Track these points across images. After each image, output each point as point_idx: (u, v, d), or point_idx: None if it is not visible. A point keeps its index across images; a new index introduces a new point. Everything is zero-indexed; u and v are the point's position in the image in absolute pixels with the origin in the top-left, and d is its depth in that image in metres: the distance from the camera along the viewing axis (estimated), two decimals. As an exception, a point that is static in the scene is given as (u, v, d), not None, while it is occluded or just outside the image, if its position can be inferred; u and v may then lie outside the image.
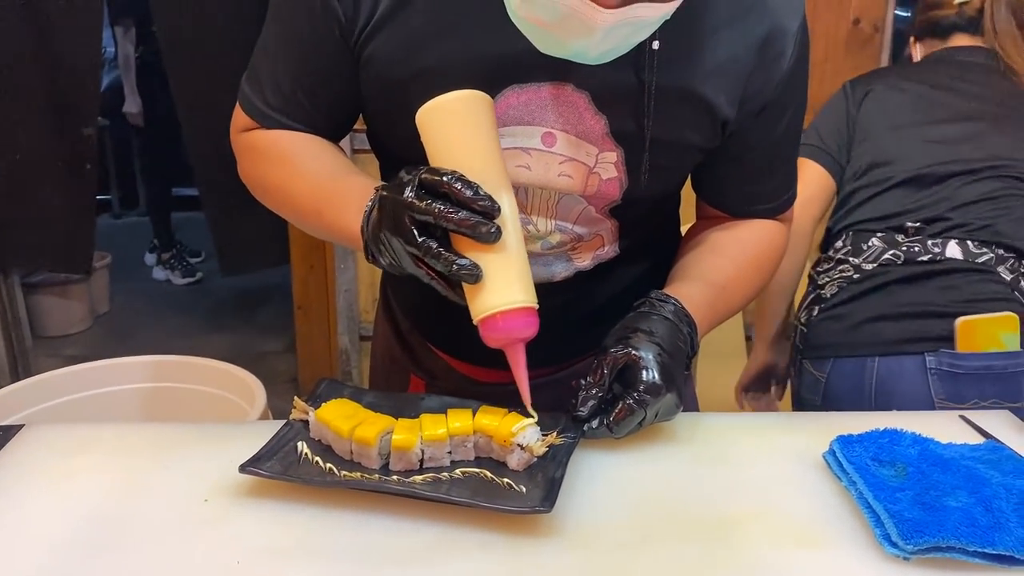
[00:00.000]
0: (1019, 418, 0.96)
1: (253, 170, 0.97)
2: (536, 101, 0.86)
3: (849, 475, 0.81)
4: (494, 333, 0.78)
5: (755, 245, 1.02)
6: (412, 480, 0.78)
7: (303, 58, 0.91)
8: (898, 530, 0.73)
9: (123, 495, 0.80)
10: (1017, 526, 0.73)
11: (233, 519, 0.77)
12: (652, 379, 0.82)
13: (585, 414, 0.84)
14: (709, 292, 0.94)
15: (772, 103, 0.91)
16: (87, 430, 0.92)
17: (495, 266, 0.76)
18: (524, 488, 0.77)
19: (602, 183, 0.91)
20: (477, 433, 0.82)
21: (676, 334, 0.87)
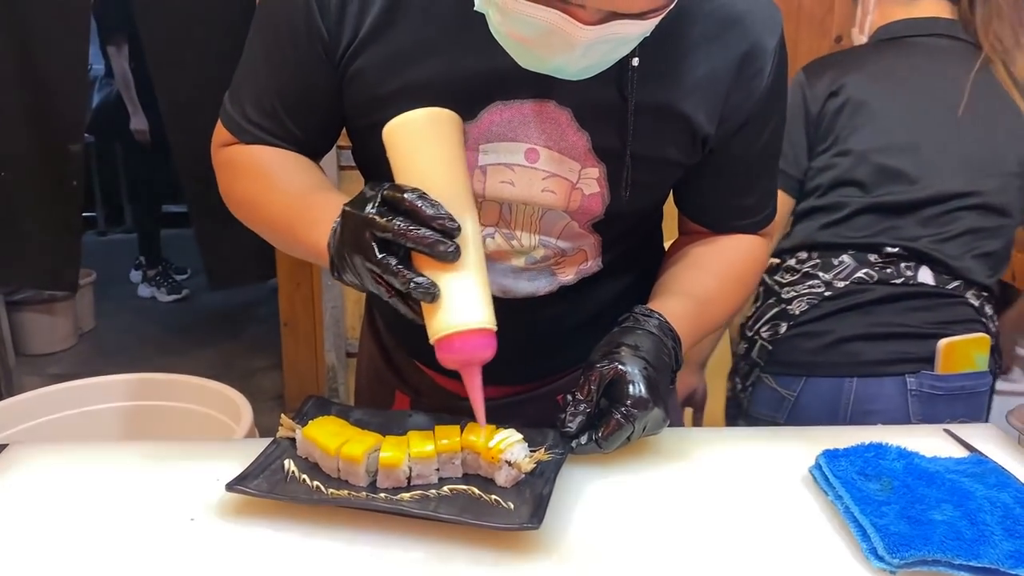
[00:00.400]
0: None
1: (231, 185, 0.97)
2: (519, 118, 0.87)
3: (835, 489, 0.82)
4: (450, 354, 0.76)
5: (737, 260, 1.02)
6: (400, 497, 0.78)
7: (285, 75, 0.91)
8: (884, 544, 0.73)
9: (108, 515, 0.80)
10: (1002, 539, 0.73)
11: (220, 539, 0.76)
12: (639, 393, 0.82)
13: (573, 430, 0.83)
14: (692, 306, 0.94)
15: (751, 119, 0.92)
16: (71, 449, 0.91)
17: (454, 286, 0.75)
18: (512, 504, 0.77)
19: (585, 199, 0.91)
20: (465, 450, 0.82)
21: (661, 348, 0.87)
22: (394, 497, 0.78)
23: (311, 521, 0.78)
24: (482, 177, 0.89)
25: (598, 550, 0.75)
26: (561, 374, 1.08)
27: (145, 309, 4.24)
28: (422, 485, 0.80)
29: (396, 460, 0.79)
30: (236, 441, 1.05)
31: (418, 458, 0.80)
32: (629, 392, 0.82)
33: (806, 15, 2.72)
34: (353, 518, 0.78)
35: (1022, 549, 0.73)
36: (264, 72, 0.92)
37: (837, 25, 2.73)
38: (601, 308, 1.03)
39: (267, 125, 0.93)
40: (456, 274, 0.75)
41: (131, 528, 0.78)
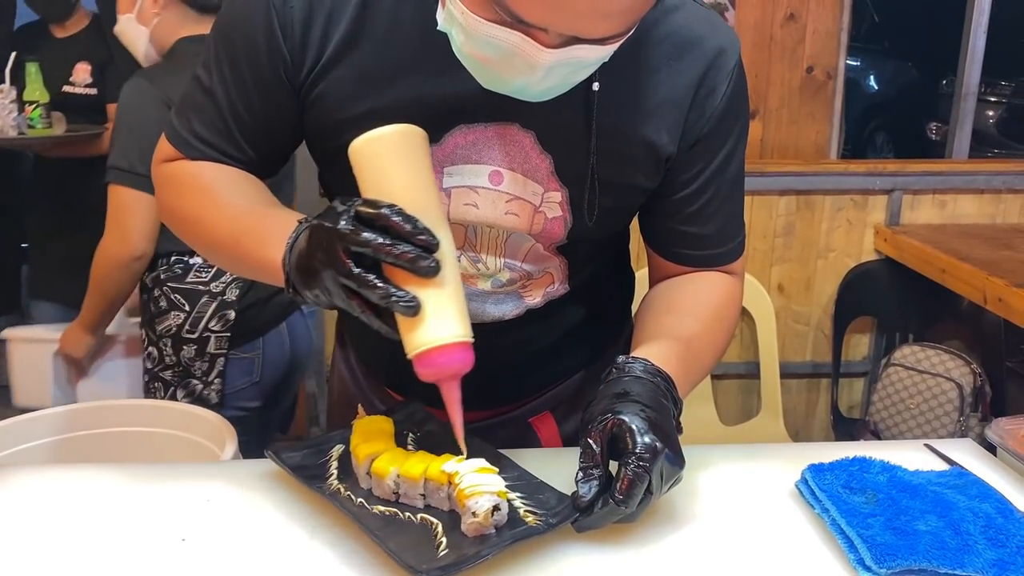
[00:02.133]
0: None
1: (172, 201, 0.95)
2: (483, 140, 0.88)
3: (822, 502, 0.83)
4: (430, 368, 0.75)
5: (710, 299, 0.99)
6: (372, 508, 0.79)
7: (242, 95, 0.90)
8: (871, 554, 0.74)
9: (98, 536, 0.79)
10: (985, 548, 0.75)
11: (211, 559, 0.76)
12: (644, 440, 0.75)
13: (588, 498, 0.76)
14: (676, 346, 0.89)
15: (704, 137, 0.92)
16: (59, 471, 0.91)
17: (432, 300, 0.73)
18: (447, 552, 0.73)
19: (547, 222, 0.91)
20: (451, 485, 0.78)
21: (654, 391, 0.82)
22: (368, 507, 0.79)
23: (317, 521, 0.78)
24: (446, 200, 0.89)
25: (610, 564, 0.75)
26: (532, 397, 1.08)
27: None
28: (405, 505, 0.80)
29: (383, 471, 0.80)
30: (225, 463, 1.04)
31: (405, 478, 0.80)
32: (636, 440, 0.75)
33: (778, 46, 2.79)
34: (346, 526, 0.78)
35: (1005, 558, 0.74)
36: (220, 91, 0.90)
37: (808, 56, 2.80)
38: (569, 330, 1.03)
39: (218, 143, 0.92)
40: (434, 289, 0.74)
41: (122, 549, 0.77)
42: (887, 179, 2.61)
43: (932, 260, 2.32)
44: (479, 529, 0.75)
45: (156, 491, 0.87)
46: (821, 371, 2.74)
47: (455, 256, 0.79)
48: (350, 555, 0.76)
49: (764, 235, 2.62)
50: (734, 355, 2.67)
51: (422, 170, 0.78)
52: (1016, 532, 0.77)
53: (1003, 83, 5.45)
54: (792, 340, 2.71)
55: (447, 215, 0.90)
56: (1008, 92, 5.49)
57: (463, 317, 0.76)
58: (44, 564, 0.75)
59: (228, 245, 0.89)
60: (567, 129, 0.87)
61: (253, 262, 0.84)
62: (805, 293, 2.69)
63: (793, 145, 2.81)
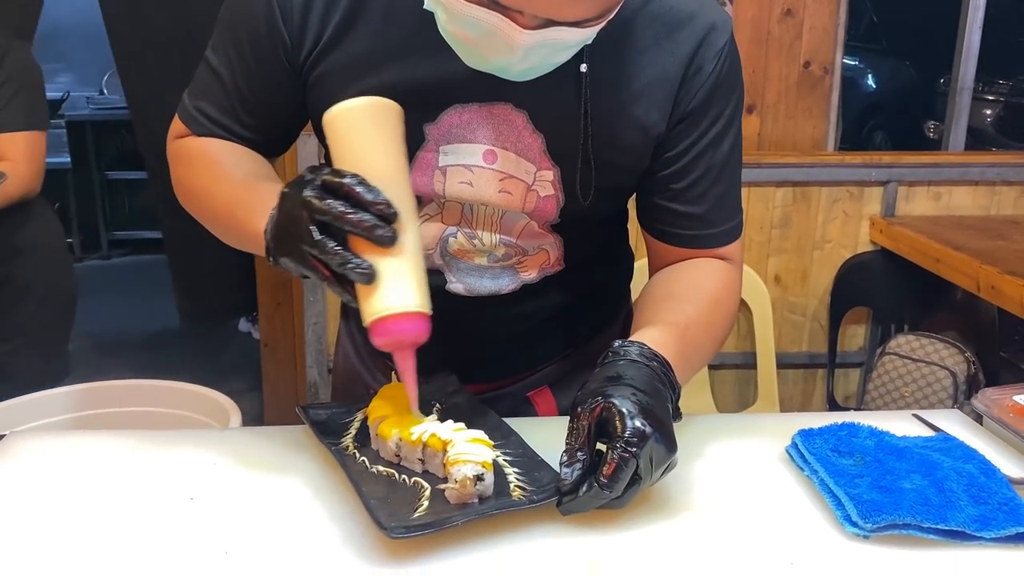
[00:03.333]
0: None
1: (182, 176, 0.99)
2: (477, 120, 0.90)
3: (811, 464, 0.86)
4: (383, 336, 0.75)
5: (706, 284, 0.99)
6: (372, 468, 0.82)
7: (245, 77, 0.93)
8: (858, 510, 0.77)
9: (107, 495, 0.82)
10: (968, 505, 0.78)
11: (219, 515, 0.78)
12: (632, 423, 0.73)
13: (571, 478, 0.74)
14: (673, 331, 0.89)
15: (690, 114, 0.92)
16: (69, 437, 0.93)
17: (389, 270, 0.75)
18: (422, 515, 0.75)
19: (540, 200, 0.93)
20: (444, 452, 0.79)
21: (649, 375, 0.81)
22: (369, 467, 0.82)
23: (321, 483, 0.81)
24: (442, 178, 0.92)
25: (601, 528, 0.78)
26: (530, 372, 1.10)
27: (121, 335, 4.21)
28: (405, 468, 0.82)
29: (385, 434, 0.82)
30: (231, 430, 1.07)
31: (405, 441, 0.82)
32: (625, 424, 0.73)
33: (775, 41, 2.81)
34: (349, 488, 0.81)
35: (987, 514, 0.77)
36: (225, 73, 0.94)
37: (805, 52, 2.82)
38: (567, 306, 1.06)
39: (223, 121, 0.95)
40: (392, 259, 0.75)
41: (130, 507, 0.80)
42: (883, 171, 2.64)
43: (927, 250, 2.35)
44: (460, 497, 0.76)
45: (164, 455, 0.89)
46: (817, 361, 2.76)
47: (417, 229, 0.79)
48: (349, 514, 0.78)
49: (761, 226, 2.65)
50: (731, 345, 2.69)
51: (391, 142, 0.79)
52: (998, 490, 0.80)
53: (1000, 82, 5.47)
54: (788, 330, 2.73)
55: (443, 193, 0.93)
56: (1005, 91, 5.51)
57: (420, 288, 0.76)
58: (50, 520, 0.78)
59: (224, 217, 0.92)
60: (559, 109, 0.89)
61: (245, 234, 0.87)
62: (801, 284, 2.71)
63: (790, 140, 2.84)
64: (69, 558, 0.72)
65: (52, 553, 0.72)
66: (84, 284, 4.36)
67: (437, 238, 0.96)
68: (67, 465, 0.87)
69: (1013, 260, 2.11)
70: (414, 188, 0.92)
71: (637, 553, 0.74)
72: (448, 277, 0.98)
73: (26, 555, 0.72)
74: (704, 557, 0.74)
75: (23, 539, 0.75)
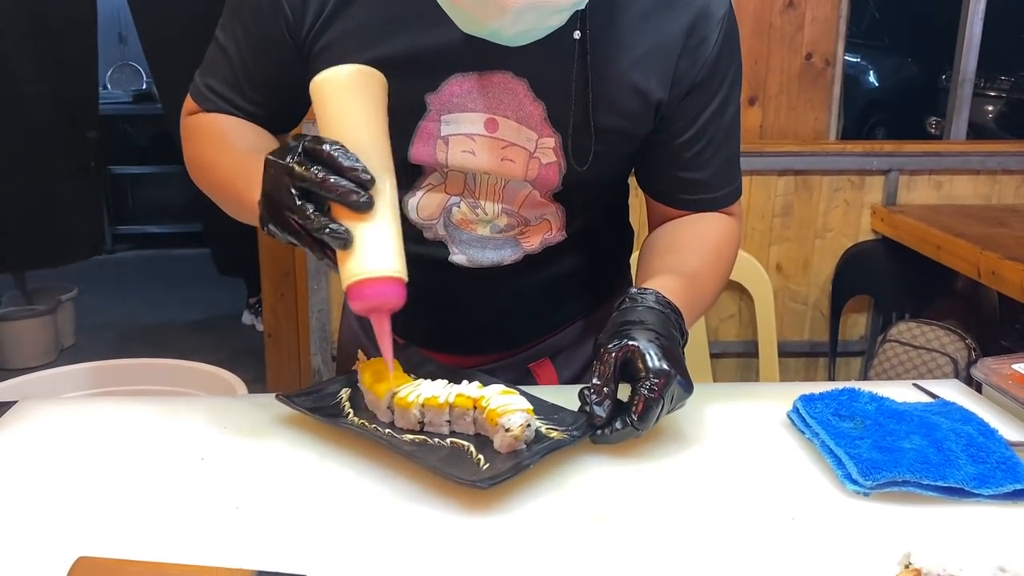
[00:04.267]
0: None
1: (191, 149, 1.01)
2: (478, 89, 0.91)
3: (812, 428, 0.87)
4: (359, 300, 0.77)
5: (710, 237, 1.02)
6: (403, 438, 0.82)
7: (250, 53, 0.95)
8: (858, 469, 0.78)
9: (119, 457, 0.83)
10: (966, 464, 0.79)
11: (230, 474, 0.80)
12: (658, 366, 0.80)
13: (605, 416, 0.81)
14: (681, 282, 0.94)
15: (697, 86, 0.95)
16: (81, 403, 0.95)
17: (366, 235, 0.76)
18: (488, 465, 0.78)
19: (542, 168, 0.95)
20: (477, 409, 0.83)
21: (666, 321, 0.86)
22: (397, 436, 0.82)
23: (322, 454, 0.82)
24: (444, 147, 0.93)
25: (608, 488, 0.79)
26: (531, 344, 1.12)
27: (124, 328, 4.23)
28: (432, 432, 0.84)
29: (407, 402, 0.83)
30: (240, 397, 1.08)
31: (429, 406, 0.83)
32: (648, 366, 0.80)
33: (777, 32, 2.82)
34: (366, 454, 0.82)
35: (985, 472, 0.78)
36: (232, 49, 0.96)
37: (807, 43, 2.83)
38: (567, 278, 1.07)
39: (230, 97, 0.98)
40: (369, 224, 0.76)
41: (142, 465, 0.81)
42: (884, 160, 2.65)
43: (928, 237, 2.35)
44: (513, 445, 0.79)
45: (174, 420, 0.91)
46: (818, 350, 2.77)
47: (395, 196, 0.80)
48: (360, 474, 0.80)
49: (763, 215, 2.66)
50: (732, 334, 2.70)
51: (371, 110, 0.80)
52: (996, 450, 0.81)
53: (1002, 78, 5.47)
54: (790, 319, 2.74)
55: (445, 162, 0.94)
56: (1007, 87, 5.51)
57: (396, 254, 0.78)
58: (64, 477, 0.79)
59: (227, 189, 0.93)
60: (559, 76, 0.91)
61: (243, 203, 0.88)
62: (803, 272, 2.72)
63: (792, 132, 2.84)
64: (82, 514, 0.73)
65: (66, 510, 0.74)
66: (87, 278, 4.39)
67: (441, 208, 0.98)
68: (79, 429, 0.88)
69: (1014, 246, 2.12)
70: (417, 158, 0.93)
71: (641, 509, 0.75)
72: (451, 248, 1.00)
73: (42, 511, 0.74)
74: (706, 513, 0.75)
75: (38, 497, 0.76)
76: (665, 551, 0.69)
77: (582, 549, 0.69)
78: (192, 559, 0.66)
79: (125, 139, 5.08)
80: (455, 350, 1.08)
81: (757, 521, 0.74)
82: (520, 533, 0.71)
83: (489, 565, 0.67)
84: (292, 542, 0.69)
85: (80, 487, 0.77)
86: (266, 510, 0.74)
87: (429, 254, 0.99)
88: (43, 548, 0.68)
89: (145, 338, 4.07)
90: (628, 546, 0.70)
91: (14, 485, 0.78)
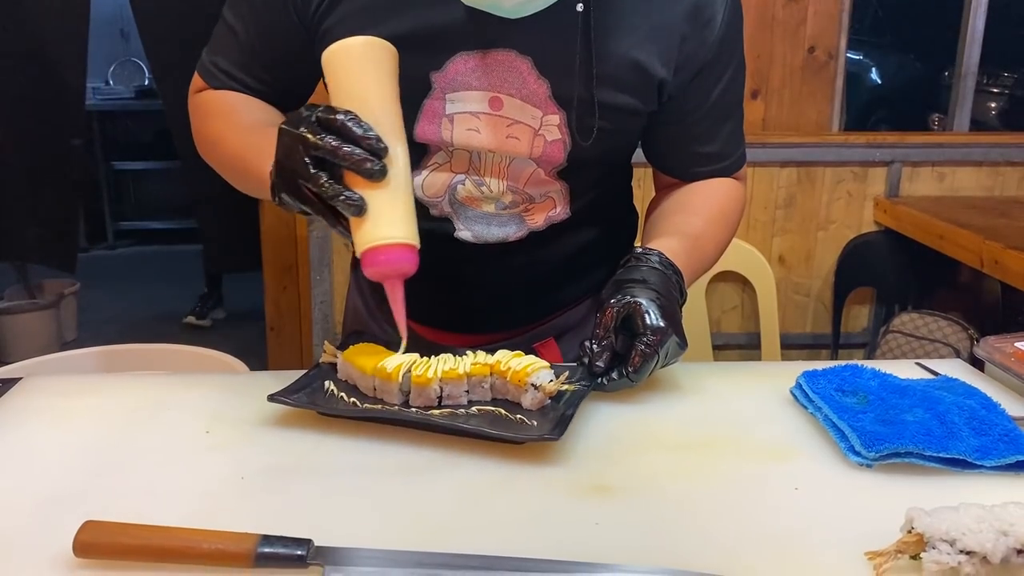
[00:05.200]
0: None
1: (199, 126, 1.02)
2: (482, 67, 0.92)
3: (815, 402, 0.87)
4: (373, 266, 0.78)
5: (716, 199, 1.07)
6: (431, 413, 0.82)
7: (257, 33, 0.96)
8: (861, 441, 0.78)
9: (125, 429, 0.83)
10: (969, 436, 0.79)
11: (235, 446, 0.80)
12: (656, 323, 0.86)
13: (603, 366, 0.87)
14: (685, 243, 0.98)
15: (707, 66, 0.97)
16: (86, 379, 0.95)
17: (380, 203, 0.77)
18: (536, 423, 0.81)
19: (547, 145, 0.96)
20: (494, 375, 0.85)
21: (667, 281, 0.91)
22: (425, 413, 0.82)
23: (325, 430, 0.82)
24: (449, 126, 0.94)
25: (612, 461, 0.79)
26: (536, 323, 1.12)
27: (125, 324, 4.24)
28: (452, 405, 0.84)
29: (426, 379, 0.83)
30: (244, 374, 1.09)
31: (448, 379, 0.83)
32: (647, 323, 0.86)
33: (780, 25, 2.82)
34: (369, 429, 0.82)
35: (987, 444, 0.78)
36: (239, 28, 0.97)
37: (810, 36, 2.83)
38: (572, 257, 1.08)
39: (238, 76, 0.99)
40: (382, 192, 0.77)
41: (148, 439, 0.81)
42: (887, 151, 2.65)
43: (931, 227, 2.36)
44: (541, 401, 0.83)
45: (179, 394, 0.91)
46: (821, 342, 2.77)
47: (407, 165, 0.81)
48: (362, 445, 0.80)
49: (765, 206, 2.66)
50: (735, 326, 2.71)
51: (384, 81, 0.81)
52: (998, 422, 0.81)
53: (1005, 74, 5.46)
54: (792, 311, 2.74)
55: (451, 141, 0.95)
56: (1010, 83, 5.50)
57: (409, 221, 0.78)
58: (70, 451, 0.79)
59: (236, 162, 0.94)
60: (561, 53, 0.92)
61: (253, 178, 0.89)
62: (805, 264, 2.72)
63: (794, 125, 2.85)
64: (88, 484, 0.73)
65: (73, 479, 0.74)
66: (90, 274, 4.40)
67: (446, 186, 0.98)
68: (84, 403, 0.89)
69: (1016, 236, 2.12)
70: (422, 137, 0.94)
71: (644, 481, 0.75)
72: (456, 224, 1.00)
73: (50, 481, 0.74)
74: (709, 483, 0.75)
75: (46, 467, 0.76)
76: (668, 521, 0.69)
77: (585, 520, 0.69)
78: (197, 525, 0.66)
79: (127, 135, 5.08)
80: (460, 328, 1.09)
81: (760, 490, 0.74)
82: (521, 503, 0.71)
83: (493, 534, 0.67)
84: (297, 509, 0.70)
85: (85, 458, 0.77)
86: (271, 480, 0.74)
87: (435, 230, 1.00)
88: (51, 514, 0.68)
89: (147, 333, 4.07)
90: (631, 516, 0.70)
91: (23, 455, 0.78)
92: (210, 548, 0.60)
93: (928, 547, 0.61)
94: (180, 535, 0.62)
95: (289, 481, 0.74)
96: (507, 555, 0.62)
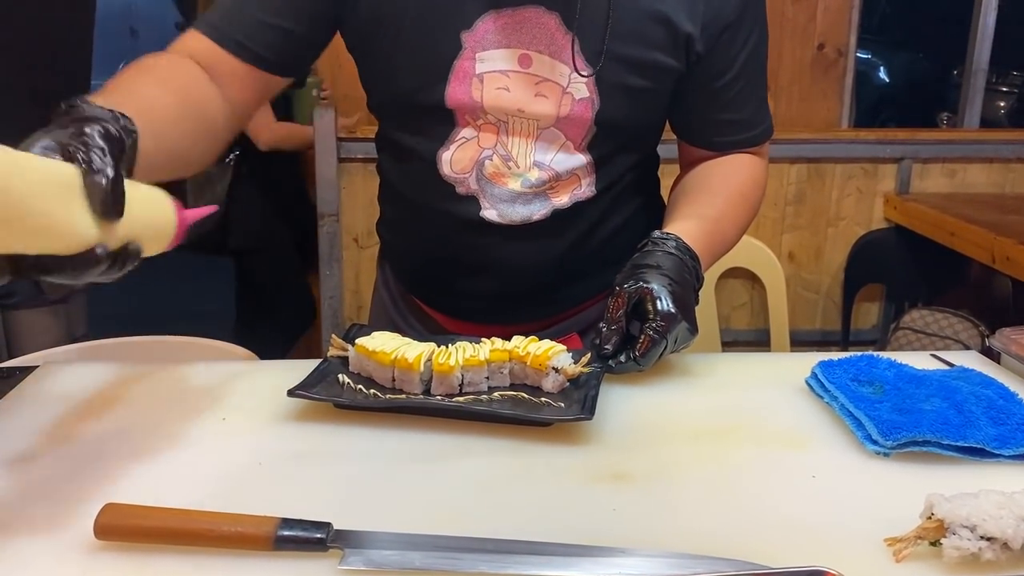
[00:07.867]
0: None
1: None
2: (512, 25, 0.93)
3: (831, 392, 0.87)
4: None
5: (739, 180, 1.07)
6: (455, 401, 0.82)
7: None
8: (878, 429, 0.78)
9: (142, 415, 0.83)
10: (987, 425, 0.79)
11: (252, 433, 0.80)
12: (666, 309, 0.87)
13: (611, 349, 0.88)
14: (705, 226, 0.99)
15: (731, 25, 0.98)
16: (102, 366, 0.95)
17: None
18: (562, 404, 0.81)
19: (575, 103, 0.96)
20: (512, 360, 0.85)
21: (682, 267, 0.92)
22: (450, 401, 0.82)
23: (343, 420, 0.82)
24: (479, 85, 0.95)
25: (629, 448, 0.79)
26: (560, 316, 1.12)
27: (138, 318, 4.25)
28: (473, 392, 0.84)
29: (448, 368, 0.82)
30: (259, 362, 1.09)
31: (469, 365, 0.83)
32: (657, 308, 0.87)
33: (789, 22, 2.81)
34: (389, 418, 0.82)
35: (1005, 433, 0.78)
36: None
37: (819, 34, 2.82)
38: (597, 243, 1.08)
39: (246, 32, 0.93)
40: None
41: (165, 425, 0.81)
42: (897, 147, 2.64)
43: (942, 224, 2.35)
44: (562, 384, 0.84)
45: (196, 382, 0.91)
46: (831, 339, 2.77)
47: None
48: (378, 431, 0.80)
49: (775, 203, 2.65)
50: (744, 322, 2.70)
51: None
52: (1017, 412, 0.81)
53: (1015, 73, 5.45)
54: (802, 308, 2.74)
55: (480, 101, 0.95)
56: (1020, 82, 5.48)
57: None
58: (87, 436, 0.79)
59: None
60: (589, 9, 0.93)
61: None
62: (815, 261, 2.72)
63: (804, 122, 2.84)
64: (107, 468, 0.74)
65: (92, 464, 0.74)
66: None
67: (473, 161, 0.99)
68: (99, 392, 0.89)
69: (1028, 232, 2.11)
70: (453, 100, 0.95)
71: (661, 468, 0.75)
72: (482, 203, 1.01)
73: (69, 465, 0.74)
74: (726, 471, 0.75)
75: (65, 452, 0.76)
76: (686, 507, 0.69)
77: (602, 506, 0.69)
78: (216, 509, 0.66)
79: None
80: (484, 318, 1.09)
81: (778, 478, 0.74)
82: (538, 490, 0.71)
83: (510, 519, 0.67)
84: (315, 495, 0.70)
85: (103, 444, 0.78)
86: (289, 466, 0.74)
87: (461, 212, 1.01)
88: (71, 497, 0.68)
89: (157, 330, 4.08)
90: (649, 503, 0.70)
91: (41, 440, 0.78)
92: (230, 531, 0.61)
93: (948, 533, 0.61)
94: (200, 518, 0.62)
95: (306, 467, 0.74)
96: (524, 539, 0.62)
